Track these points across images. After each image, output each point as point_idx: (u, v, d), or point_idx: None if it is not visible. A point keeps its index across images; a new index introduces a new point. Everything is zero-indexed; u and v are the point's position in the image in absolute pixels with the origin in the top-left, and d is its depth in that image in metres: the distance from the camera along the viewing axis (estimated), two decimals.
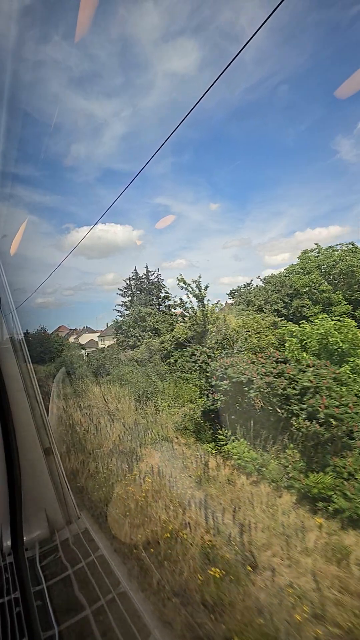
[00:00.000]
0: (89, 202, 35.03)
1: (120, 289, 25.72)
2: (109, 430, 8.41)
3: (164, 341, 17.01)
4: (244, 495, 5.58)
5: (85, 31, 9.18)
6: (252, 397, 7.14)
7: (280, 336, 13.84)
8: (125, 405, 11.03)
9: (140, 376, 13.54)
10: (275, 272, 24.33)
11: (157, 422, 9.02)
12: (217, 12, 16.33)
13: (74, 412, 10.78)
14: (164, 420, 9.05)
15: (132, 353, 18.36)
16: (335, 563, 4.01)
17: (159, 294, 25.07)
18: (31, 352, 19.05)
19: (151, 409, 10.03)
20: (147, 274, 25.51)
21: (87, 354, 27.26)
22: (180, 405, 9.96)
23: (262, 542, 4.39)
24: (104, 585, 1.56)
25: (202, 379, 10.17)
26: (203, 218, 37.43)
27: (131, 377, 13.78)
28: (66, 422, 9.28)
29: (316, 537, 4.53)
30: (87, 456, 6.79)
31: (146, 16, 15.92)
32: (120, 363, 17.30)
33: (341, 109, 28.31)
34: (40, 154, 24.13)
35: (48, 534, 1.77)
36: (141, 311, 21.40)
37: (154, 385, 11.65)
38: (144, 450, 7.24)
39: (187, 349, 14.56)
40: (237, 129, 30.31)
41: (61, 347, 27.03)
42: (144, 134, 28.99)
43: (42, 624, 1.39)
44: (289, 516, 4.98)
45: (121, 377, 14.46)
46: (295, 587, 3.54)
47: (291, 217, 35.42)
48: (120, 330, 22.11)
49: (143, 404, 10.44)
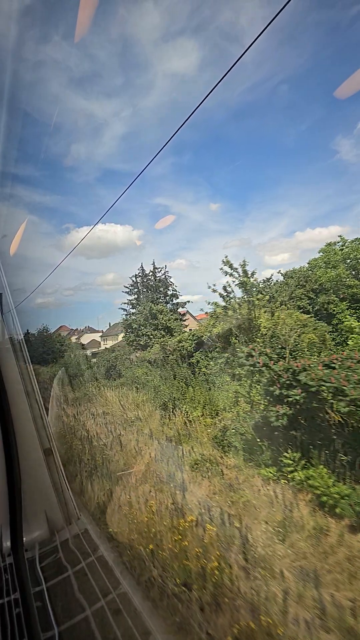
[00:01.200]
0: (89, 202, 35.12)
1: (126, 286, 24.31)
2: (135, 446, 7.35)
3: (183, 340, 15.40)
4: (353, 554, 3.89)
5: (85, 31, 9.22)
6: (343, 412, 5.70)
7: (321, 335, 12.26)
8: (146, 412, 9.99)
9: (159, 379, 12.44)
10: (275, 272, 23.80)
11: (190, 435, 7.85)
12: (217, 12, 16.37)
13: (87, 420, 9.91)
14: (198, 434, 7.91)
15: (143, 353, 17.20)
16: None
17: (166, 291, 23.97)
18: (33, 353, 19.01)
19: (180, 419, 8.89)
20: (154, 271, 24.28)
21: (92, 354, 26.87)
22: (213, 415, 8.91)
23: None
24: (104, 586, 1.57)
25: (247, 385, 8.85)
26: (203, 218, 37.49)
27: (147, 380, 12.79)
28: (81, 434, 8.35)
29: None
30: (113, 483, 5.74)
31: (146, 16, 15.94)
32: (131, 364, 16.34)
33: (341, 109, 28.39)
34: (40, 154, 24.16)
35: (48, 535, 1.78)
36: (152, 308, 20.15)
37: (181, 390, 10.40)
38: (186, 475, 6.06)
39: (207, 349, 13.39)
40: (237, 129, 30.41)
41: (64, 347, 26.82)
42: (144, 134, 29.09)
43: (42, 625, 1.41)
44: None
45: (135, 380, 13.47)
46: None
47: (291, 217, 35.51)
48: (130, 329, 20.83)
49: (169, 412, 9.36)
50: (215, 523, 4.23)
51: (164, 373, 13.12)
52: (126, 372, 15.24)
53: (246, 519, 4.65)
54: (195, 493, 5.35)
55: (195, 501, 4.99)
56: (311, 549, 4.05)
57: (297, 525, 4.44)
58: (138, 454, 7.02)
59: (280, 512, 4.67)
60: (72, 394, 14.32)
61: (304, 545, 4.11)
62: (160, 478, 5.79)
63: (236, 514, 4.72)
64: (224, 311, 13.24)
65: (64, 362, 21.40)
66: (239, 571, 3.41)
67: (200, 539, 3.68)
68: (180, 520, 3.92)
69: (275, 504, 4.93)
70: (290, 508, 4.76)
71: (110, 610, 1.53)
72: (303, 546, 4.09)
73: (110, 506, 4.74)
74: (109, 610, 1.53)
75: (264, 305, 12.66)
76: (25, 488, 1.92)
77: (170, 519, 4.06)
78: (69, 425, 9.72)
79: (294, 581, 3.40)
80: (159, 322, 19.87)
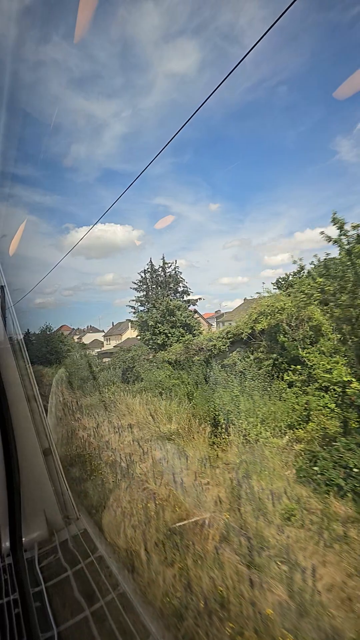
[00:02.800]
0: (89, 202, 35.30)
1: (135, 282, 23.30)
2: (186, 478, 5.50)
3: (214, 338, 13.78)
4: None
5: (85, 32, 9.27)
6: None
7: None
8: (184, 426, 8.15)
9: (191, 384, 10.91)
10: (275, 272, 23.48)
11: (260, 463, 5.83)
12: (217, 12, 16.44)
13: (110, 436, 8.31)
14: (269, 461, 5.96)
15: (162, 354, 15.70)
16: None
17: (177, 288, 22.69)
18: (36, 353, 18.71)
19: (237, 438, 7.01)
20: (164, 266, 23.14)
21: (98, 354, 26.26)
22: (280, 433, 7.06)
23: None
24: (103, 586, 1.58)
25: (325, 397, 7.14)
26: (203, 218, 37.77)
27: (172, 385, 11.27)
28: (107, 457, 6.83)
29: None
30: (173, 548, 3.76)
31: (146, 17, 16.00)
32: (150, 366, 14.88)
33: (341, 110, 28.55)
34: (40, 154, 24.18)
35: (47, 535, 1.81)
36: (169, 304, 18.74)
37: (233, 402, 8.37)
38: (281, 536, 3.98)
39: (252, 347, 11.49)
40: (237, 130, 30.65)
41: (67, 346, 26.04)
42: (144, 134, 29.22)
43: (41, 625, 1.45)
44: None
45: (158, 384, 11.91)
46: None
47: (291, 217, 35.75)
48: (145, 326, 19.29)
49: (220, 428, 7.56)
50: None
51: (193, 377, 11.52)
52: (146, 374, 13.67)
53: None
54: (326, 581, 3.39)
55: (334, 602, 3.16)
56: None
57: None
58: (194, 491, 5.04)
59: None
60: (84, 400, 12.98)
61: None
62: (243, 541, 3.85)
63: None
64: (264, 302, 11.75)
65: (71, 363, 20.28)
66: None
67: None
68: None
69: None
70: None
71: (109, 610, 1.53)
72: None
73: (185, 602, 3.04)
74: (108, 611, 1.53)
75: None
76: (25, 488, 1.94)
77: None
78: (88, 441, 8.02)
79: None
80: (177, 319, 18.42)
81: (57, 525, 2.01)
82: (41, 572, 1.76)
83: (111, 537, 3.86)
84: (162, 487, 5.22)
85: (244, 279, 51.38)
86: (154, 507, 4.49)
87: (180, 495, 4.90)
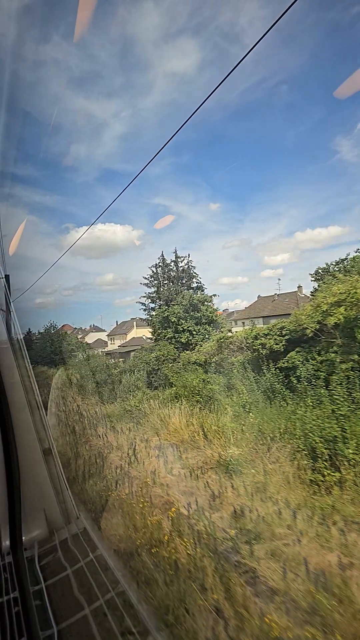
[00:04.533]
0: (89, 202, 35.31)
1: (145, 277, 21.95)
2: (312, 556, 3.48)
3: (261, 335, 11.26)
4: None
5: (84, 31, 9.26)
6: None
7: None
8: (252, 451, 6.08)
9: (244, 393, 8.82)
10: (275, 272, 23.34)
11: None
12: (217, 12, 16.47)
13: (153, 461, 6.18)
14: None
15: (188, 353, 13.97)
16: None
17: (190, 283, 21.20)
18: (40, 353, 18.53)
19: (355, 477, 5.01)
20: (176, 260, 21.63)
21: (104, 353, 24.92)
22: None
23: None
24: (103, 585, 1.59)
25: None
26: (203, 218, 37.78)
27: (211, 392, 9.26)
28: (160, 500, 4.66)
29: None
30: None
31: (146, 16, 16.01)
32: (178, 368, 13.02)
33: (341, 110, 28.51)
34: (40, 153, 24.19)
35: (47, 534, 1.82)
36: (193, 298, 17.23)
37: (326, 421, 6.03)
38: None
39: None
40: (236, 129, 30.65)
41: (73, 346, 24.60)
42: (144, 134, 29.19)
43: (41, 623, 1.45)
44: None
45: (194, 390, 9.70)
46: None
47: (291, 217, 35.76)
48: (166, 323, 17.48)
49: (319, 460, 5.40)
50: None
51: (244, 382, 9.32)
52: (177, 378, 11.46)
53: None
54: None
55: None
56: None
57: None
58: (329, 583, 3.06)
59: None
60: (104, 408, 11.04)
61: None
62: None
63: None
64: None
65: (81, 364, 18.28)
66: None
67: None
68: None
69: None
70: None
71: (109, 609, 1.54)
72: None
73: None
74: (107, 609, 1.54)
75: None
76: (25, 487, 1.96)
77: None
78: (125, 471, 5.68)
79: None
80: (201, 315, 16.70)
81: (57, 524, 2.03)
82: (41, 570, 1.76)
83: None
84: (268, 570, 3.19)
85: (243, 279, 51.44)
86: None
87: (298, 593, 2.90)
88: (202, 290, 20.62)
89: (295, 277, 66.69)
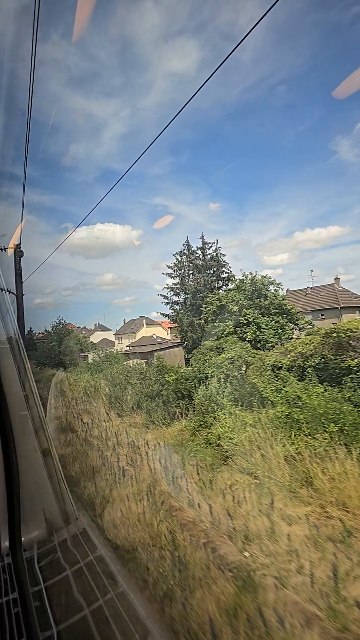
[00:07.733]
0: (88, 202, 35.19)
1: (169, 266, 19.28)
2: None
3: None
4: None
5: (84, 30, 9.25)
6: None
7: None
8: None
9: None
10: (274, 272, 23.23)
11: None
12: (217, 12, 16.47)
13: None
14: None
15: (261, 354, 10.84)
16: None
17: (220, 273, 18.24)
18: (48, 353, 18.35)
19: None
20: (203, 247, 18.61)
21: (125, 354, 20.50)
22: None
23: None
24: (102, 586, 1.59)
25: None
26: (202, 218, 37.68)
27: (340, 414, 5.77)
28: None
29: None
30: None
31: (146, 16, 16.01)
32: (269, 377, 9.04)
33: (340, 109, 28.55)
34: (38, 153, 24.12)
35: (46, 535, 1.82)
36: (256, 283, 12.91)
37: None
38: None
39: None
40: (236, 130, 30.70)
41: (84, 346, 22.39)
42: (143, 134, 29.19)
43: (40, 624, 1.46)
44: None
45: (326, 414, 5.97)
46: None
47: (290, 217, 35.79)
48: (223, 313, 13.50)
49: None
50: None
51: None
52: (273, 392, 7.74)
53: None
54: None
55: None
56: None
57: None
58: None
59: None
60: (161, 433, 7.80)
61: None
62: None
63: None
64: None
65: (103, 366, 14.36)
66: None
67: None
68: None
69: None
70: None
71: (108, 609, 1.55)
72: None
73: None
74: (107, 610, 1.55)
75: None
76: (24, 488, 1.96)
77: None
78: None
79: None
80: (270, 304, 12.34)
81: (56, 525, 2.03)
82: (40, 571, 1.77)
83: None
84: None
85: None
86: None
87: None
88: (233, 282, 15.98)
89: (295, 277, 66.70)
